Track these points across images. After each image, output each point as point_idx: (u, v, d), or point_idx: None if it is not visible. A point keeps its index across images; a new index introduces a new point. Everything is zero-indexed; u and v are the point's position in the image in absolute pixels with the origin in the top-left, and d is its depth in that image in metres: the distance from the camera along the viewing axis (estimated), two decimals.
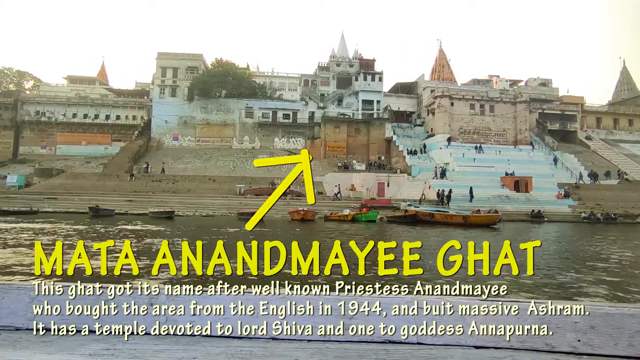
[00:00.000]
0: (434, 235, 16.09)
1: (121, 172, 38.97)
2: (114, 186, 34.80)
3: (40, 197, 29.25)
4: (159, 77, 48.74)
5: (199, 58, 49.93)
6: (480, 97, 44.45)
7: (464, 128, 43.75)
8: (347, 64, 51.00)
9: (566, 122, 48.15)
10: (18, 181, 36.12)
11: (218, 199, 31.62)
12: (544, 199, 32.98)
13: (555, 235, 19.76)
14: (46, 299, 1.74)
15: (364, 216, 22.36)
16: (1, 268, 8.11)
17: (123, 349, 1.52)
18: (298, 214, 22.13)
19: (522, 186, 34.34)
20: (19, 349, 1.48)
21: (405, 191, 35.22)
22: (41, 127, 50.23)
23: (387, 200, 30.61)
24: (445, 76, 52.31)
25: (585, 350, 1.56)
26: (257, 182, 37.16)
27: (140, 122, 50.05)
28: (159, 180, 36.79)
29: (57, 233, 14.40)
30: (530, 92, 48.17)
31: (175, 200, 30.17)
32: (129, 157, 42.46)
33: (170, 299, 1.74)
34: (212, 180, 37.30)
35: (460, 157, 39.74)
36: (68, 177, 37.41)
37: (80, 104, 51.06)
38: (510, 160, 39.35)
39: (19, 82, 77.65)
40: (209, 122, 48.47)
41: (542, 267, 9.09)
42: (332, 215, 22.76)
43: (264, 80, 53.09)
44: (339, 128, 45.73)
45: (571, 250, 14.06)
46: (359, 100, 49.50)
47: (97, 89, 56.81)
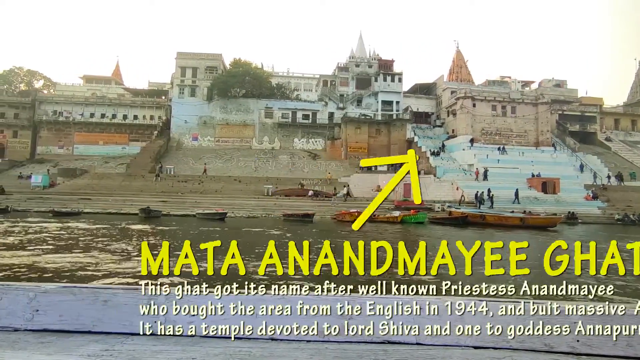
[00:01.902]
0: (499, 237, 16.04)
1: (144, 173, 38.88)
2: (141, 186, 34.71)
3: (73, 198, 29.09)
4: (178, 77, 48.60)
5: (218, 58, 49.82)
6: (502, 98, 44.45)
7: (486, 129, 43.75)
8: (366, 64, 50.97)
9: (586, 123, 48.22)
10: (43, 181, 35.97)
11: (251, 199, 31.54)
12: (572, 201, 32.96)
13: (604, 237, 19.72)
14: (45, 299, 1.73)
15: (413, 218, 22.30)
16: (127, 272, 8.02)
17: (122, 349, 1.51)
18: (350, 215, 22.02)
19: (549, 188, 34.35)
20: (17, 350, 1.47)
21: (432, 192, 35.14)
22: (58, 127, 50.08)
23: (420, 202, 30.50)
24: (463, 77, 52.32)
25: (584, 350, 1.56)
26: (283, 183, 37.13)
27: (159, 122, 49.92)
28: (185, 180, 36.70)
29: (146, 233, 14.34)
30: (550, 94, 48.13)
31: (208, 201, 30.05)
32: (151, 158, 42.31)
33: (169, 299, 1.73)
34: (237, 180, 37.23)
35: (484, 158, 39.71)
36: (93, 177, 37.28)
37: (98, 103, 50.94)
38: (534, 161, 39.38)
39: (29, 81, 77.54)
40: (229, 122, 48.36)
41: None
42: (378, 217, 22.68)
43: (281, 81, 53.06)
44: (360, 129, 45.67)
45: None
46: (379, 100, 49.48)
47: (113, 88, 56.64)
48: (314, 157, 46.19)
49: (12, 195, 29.44)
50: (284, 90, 51.06)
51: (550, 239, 17.20)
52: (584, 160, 41.25)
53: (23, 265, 8.06)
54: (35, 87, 72.22)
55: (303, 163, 44.65)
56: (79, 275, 7.36)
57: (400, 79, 49.76)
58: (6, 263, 8.33)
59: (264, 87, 48.82)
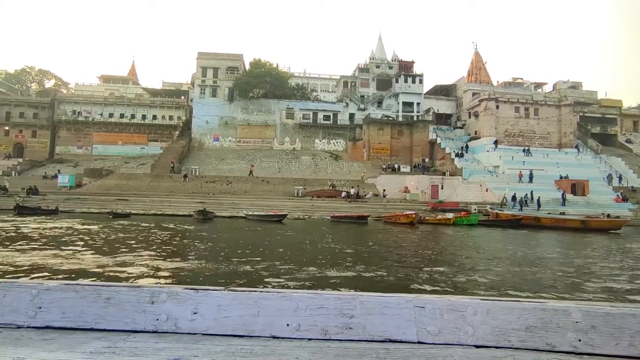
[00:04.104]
0: (583, 241, 15.86)
1: (170, 173, 38.74)
2: (169, 187, 34.57)
3: (109, 199, 28.92)
4: (199, 77, 48.46)
5: (239, 58, 49.69)
6: (525, 100, 44.53)
7: (509, 131, 43.83)
8: (386, 65, 50.97)
9: (606, 125, 48.37)
10: (69, 181, 35.81)
11: (286, 200, 31.43)
12: (602, 203, 33.02)
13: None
14: (48, 297, 1.75)
15: (466, 219, 22.24)
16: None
17: (124, 347, 1.52)
18: (406, 217, 21.90)
19: (579, 189, 34.38)
20: (20, 347, 1.49)
21: (461, 194, 35.20)
22: (77, 127, 49.85)
23: (455, 203, 30.49)
24: (482, 79, 52.39)
25: (586, 350, 1.55)
26: (310, 184, 37.03)
27: (179, 122, 49.76)
28: (213, 181, 36.55)
29: (260, 236, 14.21)
30: (570, 95, 48.23)
31: (245, 202, 29.95)
32: (175, 158, 42.16)
33: (172, 297, 1.74)
34: (265, 181, 37.12)
35: (510, 160, 39.77)
36: (120, 178, 37.08)
37: (117, 103, 50.72)
38: (559, 163, 39.46)
39: (40, 80, 77.30)
40: (250, 122, 48.25)
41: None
42: (429, 219, 22.58)
43: (300, 82, 53.03)
44: (382, 130, 45.63)
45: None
46: (399, 102, 49.48)
47: (131, 88, 56.45)
48: (335, 157, 46.15)
49: (46, 196, 29.24)
50: (304, 91, 50.99)
51: (629, 242, 17.05)
52: (608, 162, 41.35)
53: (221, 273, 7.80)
54: (46, 87, 72.18)
55: (326, 164, 44.60)
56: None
57: (421, 81, 49.77)
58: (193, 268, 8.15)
59: (286, 88, 48.74)
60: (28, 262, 8.52)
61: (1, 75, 67.16)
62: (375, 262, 9.79)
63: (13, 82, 67.41)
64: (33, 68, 77.12)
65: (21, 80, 71.68)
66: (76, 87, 55.93)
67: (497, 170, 39.15)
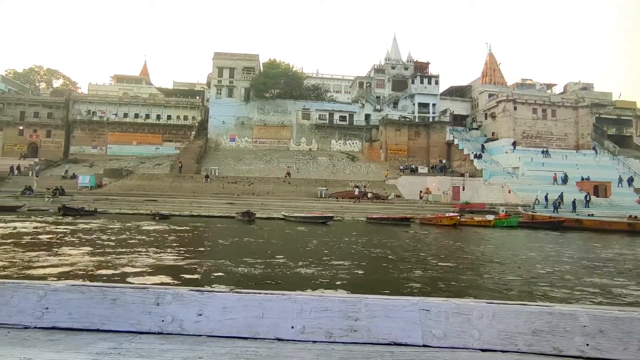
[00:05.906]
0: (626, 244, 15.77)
1: (191, 173, 38.68)
2: (192, 188, 34.47)
3: (139, 199, 28.81)
4: (215, 77, 48.38)
5: (255, 59, 49.62)
6: (542, 101, 44.62)
7: (527, 132, 43.92)
8: (402, 66, 51.00)
9: (622, 126, 48.54)
10: (90, 181, 35.68)
11: (312, 202, 31.38)
12: (625, 204, 33.09)
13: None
14: (55, 297, 1.76)
15: (506, 221, 22.27)
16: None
17: (130, 348, 1.53)
18: (450, 219, 21.90)
19: (601, 191, 34.46)
20: (27, 347, 1.50)
21: (483, 195, 35.23)
22: (92, 127, 49.68)
23: (481, 204, 30.52)
24: (497, 80, 52.44)
25: (594, 354, 1.54)
26: (331, 185, 37.02)
27: (194, 123, 49.66)
28: (235, 182, 36.49)
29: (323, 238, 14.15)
30: (587, 97, 48.34)
31: (275, 203, 29.87)
32: (193, 159, 42.07)
33: (177, 298, 1.75)
34: (287, 182, 37.08)
35: (529, 162, 39.82)
36: (141, 178, 36.98)
37: (132, 103, 50.56)
38: (578, 165, 39.56)
39: (49, 80, 77.09)
40: (266, 123, 48.21)
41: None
42: (467, 221, 22.58)
43: (315, 82, 52.98)
44: (399, 131, 45.66)
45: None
46: (415, 103, 49.52)
47: (145, 88, 56.27)
48: (352, 158, 46.15)
49: (73, 197, 29.12)
50: (318, 92, 50.97)
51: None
52: (626, 164, 41.47)
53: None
54: (55, 86, 71.98)
55: (343, 165, 44.59)
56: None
57: (437, 82, 49.82)
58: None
59: (301, 89, 48.70)
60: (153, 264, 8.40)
61: (10, 75, 66.88)
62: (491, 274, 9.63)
63: (22, 81, 67.19)
64: (41, 67, 76.92)
65: (29, 80, 71.45)
66: (90, 87, 55.62)
67: (517, 172, 39.21)
